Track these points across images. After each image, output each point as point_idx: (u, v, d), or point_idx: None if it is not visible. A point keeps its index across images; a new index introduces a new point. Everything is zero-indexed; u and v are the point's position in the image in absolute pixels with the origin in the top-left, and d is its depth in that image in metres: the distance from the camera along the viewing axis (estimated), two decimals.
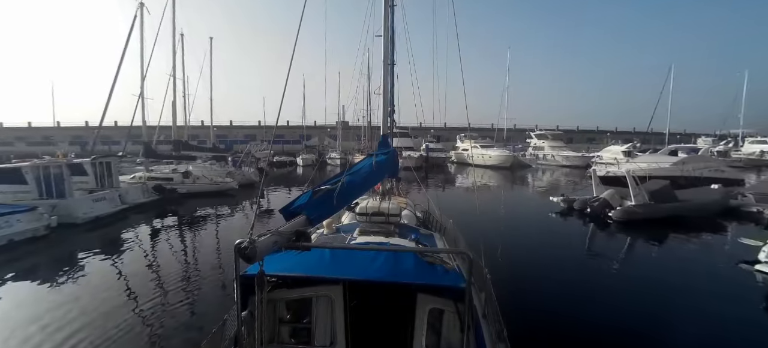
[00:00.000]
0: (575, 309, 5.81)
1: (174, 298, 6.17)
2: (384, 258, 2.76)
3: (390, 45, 7.20)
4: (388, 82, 7.04)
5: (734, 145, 35.89)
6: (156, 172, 16.63)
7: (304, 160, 34.79)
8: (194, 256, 8.76)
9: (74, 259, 8.11)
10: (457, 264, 3.11)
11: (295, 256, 2.45)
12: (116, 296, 6.29)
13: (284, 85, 2.98)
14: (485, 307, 2.92)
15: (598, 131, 66.35)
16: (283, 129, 57.00)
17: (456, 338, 2.67)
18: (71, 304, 5.84)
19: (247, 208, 14.22)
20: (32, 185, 10.63)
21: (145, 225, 11.29)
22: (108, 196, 12.21)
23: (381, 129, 6.57)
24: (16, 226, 8.73)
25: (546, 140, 33.49)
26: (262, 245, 1.80)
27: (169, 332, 5.11)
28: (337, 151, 36.67)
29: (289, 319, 3.04)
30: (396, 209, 4.71)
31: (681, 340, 5.05)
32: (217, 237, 10.46)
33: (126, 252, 8.79)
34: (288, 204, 2.64)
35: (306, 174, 28.52)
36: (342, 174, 3.31)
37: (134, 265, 7.93)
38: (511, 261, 7.16)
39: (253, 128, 53.89)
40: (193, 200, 14.99)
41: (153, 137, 18.62)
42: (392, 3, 7.25)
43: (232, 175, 17.85)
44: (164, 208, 13.62)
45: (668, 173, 14.31)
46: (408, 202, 7.62)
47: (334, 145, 40.53)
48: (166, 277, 7.17)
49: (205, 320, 5.24)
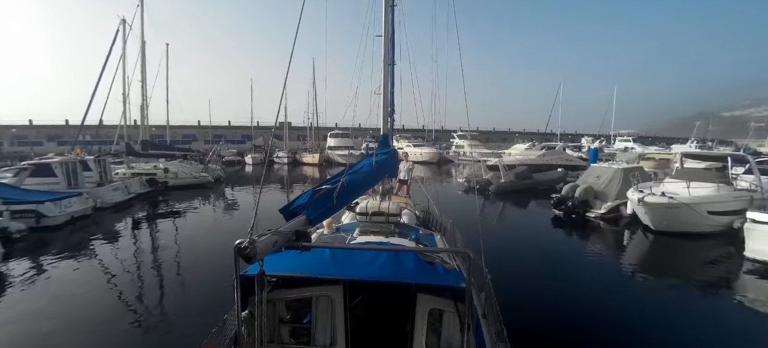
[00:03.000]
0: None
1: (173, 298, 6.39)
2: (384, 258, 2.75)
3: (390, 45, 7.23)
4: (388, 82, 7.17)
5: (607, 143, 46.71)
6: (136, 168, 18.91)
7: (254, 159, 36.53)
8: (193, 254, 8.78)
9: (117, 231, 11.05)
10: (457, 264, 3.11)
11: (295, 256, 2.48)
12: (117, 287, 6.81)
13: (283, 86, 3.07)
14: (485, 307, 2.95)
15: (509, 132, 77.06)
16: (224, 129, 57.61)
17: (456, 338, 2.63)
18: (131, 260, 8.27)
19: (222, 197, 17.53)
20: (61, 177, 12.95)
21: (150, 211, 14.05)
22: (120, 187, 14.77)
23: (381, 129, 6.75)
24: (74, 206, 11.45)
25: (466, 140, 40.60)
26: (261, 245, 1.83)
27: (169, 332, 5.17)
28: (285, 150, 39.45)
29: (289, 319, 3.04)
30: (396, 209, 4.72)
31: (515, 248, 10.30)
32: (215, 231, 11.63)
33: (132, 232, 11.26)
34: (288, 204, 2.67)
35: (256, 172, 30.78)
36: (342, 174, 3.33)
37: (142, 247, 9.57)
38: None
39: (192, 128, 53.79)
40: (178, 191, 17.92)
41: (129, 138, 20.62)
42: (392, 3, 7.27)
43: (207, 171, 20.73)
44: (158, 197, 16.48)
45: (534, 162, 21.15)
46: (408, 201, 7.90)
47: (280, 145, 43.36)
48: (165, 272, 7.66)
49: (205, 320, 4.97)
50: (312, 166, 34.11)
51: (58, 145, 43.47)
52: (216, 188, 19.70)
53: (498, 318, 3.05)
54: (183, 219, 12.94)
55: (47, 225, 10.25)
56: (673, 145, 48.23)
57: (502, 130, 76.25)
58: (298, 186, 22.31)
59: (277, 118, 4.17)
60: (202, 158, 22.12)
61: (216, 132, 54.35)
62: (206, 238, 10.62)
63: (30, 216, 10.01)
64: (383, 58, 6.60)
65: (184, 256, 8.69)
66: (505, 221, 13.13)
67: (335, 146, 38.29)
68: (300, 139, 50.16)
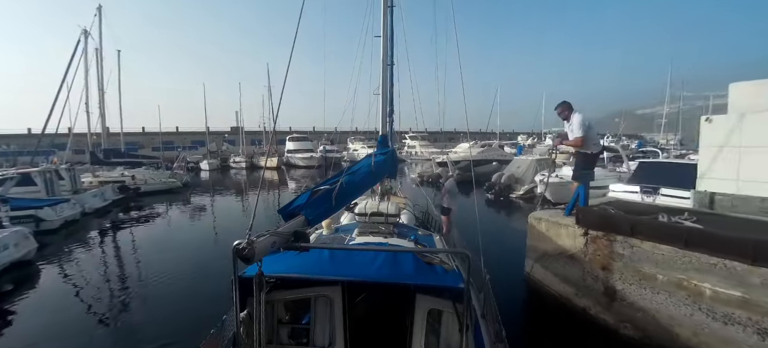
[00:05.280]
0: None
1: (173, 298, 6.40)
2: (383, 258, 2.75)
3: (389, 45, 7.14)
4: (387, 82, 7.11)
5: (539, 140, 52.72)
6: (102, 176, 19.09)
7: (211, 164, 36.03)
8: (143, 276, 8.20)
9: (107, 232, 11.93)
10: (455, 264, 3.10)
11: (294, 256, 2.50)
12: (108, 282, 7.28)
13: (282, 88, 3.03)
14: (484, 308, 2.96)
15: (455, 132, 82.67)
16: (172, 135, 55.61)
17: (455, 339, 2.61)
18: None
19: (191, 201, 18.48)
20: (41, 186, 13.40)
21: (132, 214, 14.87)
22: (98, 194, 15.25)
23: (380, 129, 6.74)
24: (67, 211, 12.09)
25: (417, 140, 43.98)
26: (260, 246, 1.83)
27: (169, 332, 5.13)
28: (242, 155, 39.36)
29: (287, 319, 3.04)
30: (395, 209, 4.71)
31: None
32: (214, 232, 12.23)
33: (124, 233, 11.94)
34: (286, 204, 2.68)
35: (212, 178, 30.45)
36: (341, 174, 3.33)
37: (126, 249, 10.03)
38: None
39: (137, 135, 51.49)
40: (150, 197, 18.60)
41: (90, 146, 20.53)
42: (391, 3, 7.32)
43: (174, 176, 21.29)
44: (131, 203, 17.15)
45: (475, 157, 24.70)
46: (407, 202, 7.82)
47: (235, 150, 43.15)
48: (161, 265, 8.04)
49: (204, 321, 4.69)
50: (270, 170, 35.01)
51: None
52: (184, 192, 20.51)
53: (497, 318, 3.08)
54: (162, 219, 14.20)
55: (45, 229, 10.98)
56: None
57: (448, 130, 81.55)
58: (285, 189, 23.52)
59: (275, 123, 3.09)
60: (168, 165, 22.53)
61: (165, 138, 52.38)
62: (190, 235, 11.93)
63: (29, 220, 10.79)
64: (382, 59, 6.67)
65: (173, 249, 9.84)
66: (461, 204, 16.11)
67: (294, 150, 39.41)
68: (254, 144, 50.02)
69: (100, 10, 20.53)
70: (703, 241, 3.71)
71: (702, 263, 3.67)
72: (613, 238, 4.43)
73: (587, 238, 4.73)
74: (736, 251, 3.45)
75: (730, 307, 3.49)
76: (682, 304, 3.82)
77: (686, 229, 3.92)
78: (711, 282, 3.61)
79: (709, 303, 3.63)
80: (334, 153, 43.11)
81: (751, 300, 3.36)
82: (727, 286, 3.50)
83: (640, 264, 4.17)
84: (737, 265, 3.44)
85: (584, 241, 4.76)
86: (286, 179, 28.49)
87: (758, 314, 3.33)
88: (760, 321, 3.32)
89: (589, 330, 4.66)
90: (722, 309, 3.54)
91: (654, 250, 4.04)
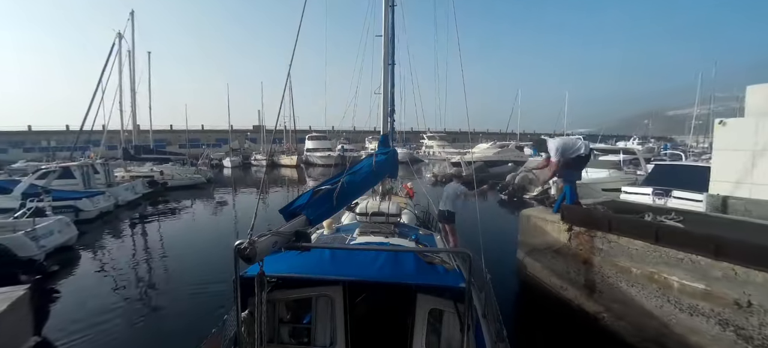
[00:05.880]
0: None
1: (172, 297, 6.53)
2: (384, 258, 2.76)
3: (390, 45, 7.19)
4: (388, 82, 7.14)
5: None
6: (133, 171, 20.45)
7: (233, 161, 36.37)
8: (170, 264, 8.71)
9: (138, 222, 13.03)
10: (457, 264, 3.12)
11: (295, 256, 2.51)
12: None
13: (283, 88, 3.24)
14: (485, 307, 2.96)
15: (474, 133, 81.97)
16: (198, 133, 57.95)
17: (456, 338, 2.62)
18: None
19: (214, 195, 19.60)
20: (79, 179, 14.63)
21: (159, 207, 15.95)
22: (129, 187, 16.50)
23: (381, 129, 6.76)
24: (102, 203, 13.25)
25: (435, 140, 44.17)
26: (261, 246, 1.85)
27: (167, 332, 5.23)
28: (262, 153, 40.74)
29: (288, 319, 3.06)
30: (396, 209, 4.73)
31: None
32: (216, 231, 12.42)
33: (152, 224, 13.07)
34: (288, 204, 2.70)
35: (234, 175, 31.63)
36: (342, 174, 3.35)
37: (145, 244, 10.72)
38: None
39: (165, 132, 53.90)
40: (175, 191, 19.77)
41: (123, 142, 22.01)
42: (392, 3, 7.25)
43: (199, 172, 22.54)
44: (158, 197, 18.32)
45: (491, 158, 24.74)
46: (408, 202, 7.91)
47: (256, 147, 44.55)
48: (188, 251, 9.06)
49: (205, 321, 4.81)
50: (290, 168, 36.02)
51: (24, 151, 42.79)
52: (207, 188, 21.62)
53: (498, 318, 3.09)
54: (188, 212, 15.33)
55: (83, 218, 12.06)
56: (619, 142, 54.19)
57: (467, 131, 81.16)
58: (294, 187, 24.47)
59: (276, 122, 3.30)
60: (193, 162, 23.84)
61: (191, 136, 54.65)
62: (212, 226, 13.03)
63: (69, 210, 11.86)
64: (383, 58, 6.71)
65: (198, 238, 11.06)
66: (466, 204, 16.31)
67: (313, 148, 40.41)
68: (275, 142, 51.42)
69: (132, 15, 21.85)
70: (671, 237, 3.95)
71: (670, 257, 3.93)
72: (594, 234, 4.70)
73: (571, 234, 5.01)
74: (700, 246, 3.69)
75: (694, 298, 3.73)
76: (653, 296, 4.07)
77: (657, 225, 4.17)
78: (678, 275, 3.85)
79: (677, 295, 3.87)
80: (352, 152, 43.74)
81: (713, 292, 3.59)
82: (692, 279, 3.74)
83: (617, 258, 4.43)
84: (701, 260, 3.69)
85: (568, 236, 5.04)
86: (304, 177, 29.34)
87: (719, 306, 3.56)
88: (721, 312, 3.55)
89: (573, 319, 4.93)
90: (688, 301, 3.78)
91: (629, 244, 4.30)
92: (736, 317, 3.45)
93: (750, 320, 3.36)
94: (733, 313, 3.46)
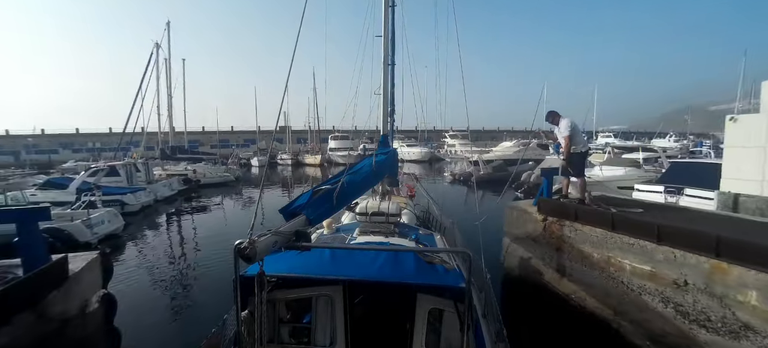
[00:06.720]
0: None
1: (200, 282, 7.11)
2: (384, 258, 2.76)
3: (390, 45, 7.19)
4: (388, 82, 7.16)
5: (590, 138, 50.52)
6: (170, 170, 22.30)
7: (260, 161, 37.37)
8: (200, 253, 9.51)
9: (176, 215, 14.72)
10: (457, 264, 3.12)
11: (295, 256, 2.52)
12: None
13: (284, 89, 3.25)
14: (485, 307, 2.99)
15: (498, 131, 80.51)
16: (228, 134, 60.83)
17: (456, 338, 2.61)
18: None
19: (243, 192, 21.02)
20: (123, 176, 16.37)
21: (194, 203, 17.53)
22: (167, 184, 18.21)
23: (381, 129, 6.73)
24: (143, 198, 14.82)
25: (457, 139, 44.24)
26: (261, 245, 1.85)
27: (168, 332, 5.39)
28: (288, 153, 42.47)
29: (289, 319, 3.06)
30: (396, 209, 4.70)
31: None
32: (242, 225, 13.71)
33: (187, 217, 14.62)
34: (288, 204, 2.71)
35: (261, 174, 33.18)
36: (342, 174, 3.37)
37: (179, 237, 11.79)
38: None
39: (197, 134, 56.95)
40: (207, 188, 21.38)
41: (160, 143, 24.02)
42: (392, 3, 7.25)
43: (229, 171, 24.22)
44: (191, 193, 19.92)
45: (509, 156, 24.81)
46: (408, 202, 7.97)
47: (282, 147, 46.38)
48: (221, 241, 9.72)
49: (205, 321, 4.73)
50: (314, 167, 37.25)
51: (73, 152, 46.69)
52: (237, 185, 23.13)
53: (497, 318, 3.10)
54: (218, 207, 16.80)
55: (128, 211, 13.58)
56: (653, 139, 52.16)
57: (491, 129, 79.64)
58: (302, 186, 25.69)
59: (277, 122, 3.58)
60: (224, 161, 25.59)
61: (221, 137, 57.40)
62: (241, 220, 14.03)
63: (116, 204, 13.39)
64: (383, 59, 6.71)
65: (226, 231, 12.08)
66: (469, 203, 16.67)
67: (336, 147, 41.62)
68: (300, 142, 53.10)
69: (168, 25, 23.76)
70: (624, 224, 4.42)
71: (623, 243, 4.38)
72: (563, 223, 5.19)
73: (545, 224, 5.51)
74: (646, 232, 4.15)
75: (643, 279, 4.19)
76: (610, 278, 4.54)
77: (612, 214, 4.63)
78: (629, 259, 4.31)
79: (629, 276, 4.34)
80: (373, 151, 43.57)
81: (657, 273, 4.05)
82: (640, 262, 4.20)
83: (582, 244, 4.91)
84: (647, 244, 4.14)
85: (543, 225, 5.55)
86: (328, 175, 30.45)
87: (662, 285, 4.01)
88: (663, 291, 4.01)
89: (550, 300, 5.35)
90: (638, 281, 4.24)
91: (591, 232, 4.77)
92: (675, 295, 3.90)
93: (686, 297, 3.80)
94: (672, 291, 3.92)
